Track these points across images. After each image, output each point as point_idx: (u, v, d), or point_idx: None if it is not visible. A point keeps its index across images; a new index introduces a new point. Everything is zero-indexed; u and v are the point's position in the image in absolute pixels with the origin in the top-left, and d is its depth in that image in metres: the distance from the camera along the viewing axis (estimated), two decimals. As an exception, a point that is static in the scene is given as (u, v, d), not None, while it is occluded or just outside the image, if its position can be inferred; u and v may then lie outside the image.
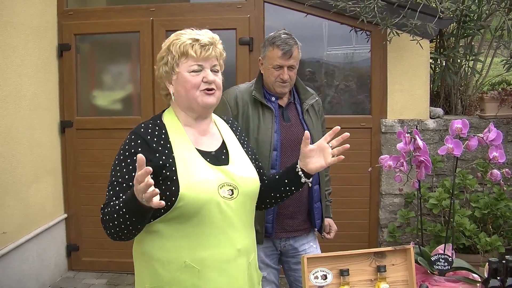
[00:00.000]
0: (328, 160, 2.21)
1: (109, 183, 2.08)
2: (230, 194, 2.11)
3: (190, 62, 2.13)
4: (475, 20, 5.31)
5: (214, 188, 2.07)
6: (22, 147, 4.85)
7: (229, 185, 2.12)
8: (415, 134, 2.37)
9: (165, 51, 2.18)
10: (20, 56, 4.82)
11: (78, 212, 5.62)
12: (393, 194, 5.19)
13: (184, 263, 2.05)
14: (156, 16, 5.36)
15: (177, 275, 2.06)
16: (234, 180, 2.13)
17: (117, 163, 2.10)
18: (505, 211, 4.49)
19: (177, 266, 2.06)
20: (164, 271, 2.08)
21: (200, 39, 2.13)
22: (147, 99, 5.41)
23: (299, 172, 2.26)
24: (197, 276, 2.05)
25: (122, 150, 2.11)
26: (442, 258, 2.38)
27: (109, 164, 2.18)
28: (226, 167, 2.16)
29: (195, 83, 2.13)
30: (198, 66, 2.13)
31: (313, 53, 5.50)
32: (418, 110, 5.16)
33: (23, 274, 4.84)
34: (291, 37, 3.05)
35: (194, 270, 2.05)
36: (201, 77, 2.13)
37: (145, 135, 2.11)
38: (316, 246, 3.26)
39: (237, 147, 2.30)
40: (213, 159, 2.17)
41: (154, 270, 2.10)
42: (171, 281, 2.07)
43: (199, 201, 2.03)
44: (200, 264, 2.05)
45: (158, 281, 2.09)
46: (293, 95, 3.19)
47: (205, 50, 2.13)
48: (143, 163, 1.77)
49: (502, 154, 2.34)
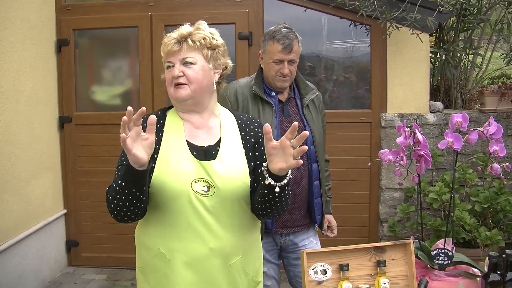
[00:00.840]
0: (288, 162, 1.93)
1: (117, 166, 2.13)
2: (206, 190, 2.09)
3: (166, 60, 2.20)
4: (475, 13, 5.29)
5: (187, 181, 2.08)
6: (21, 143, 4.84)
7: (206, 182, 2.10)
8: (415, 128, 2.36)
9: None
10: (18, 52, 4.80)
11: (78, 208, 5.62)
12: (393, 188, 5.18)
13: (159, 249, 2.12)
14: (155, 11, 5.35)
15: (154, 261, 2.13)
16: (211, 177, 2.10)
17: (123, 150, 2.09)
18: (505, 205, 4.48)
19: (154, 252, 2.13)
20: (146, 255, 2.17)
21: (171, 35, 2.19)
22: (146, 94, 5.39)
23: (264, 171, 2.01)
24: (168, 265, 2.10)
25: None
26: (442, 252, 2.37)
27: (108, 160, 2.22)
28: (208, 163, 2.12)
29: (167, 80, 2.19)
30: (168, 62, 2.18)
31: (313, 48, 5.49)
32: (418, 104, 5.15)
33: (23, 270, 4.83)
34: (291, 31, 3.03)
35: (166, 259, 2.11)
36: (172, 72, 2.17)
37: (147, 117, 2.09)
38: (316, 242, 3.25)
39: (233, 146, 2.21)
40: (201, 154, 2.15)
41: (140, 252, 2.22)
42: (149, 265, 2.16)
43: (169, 191, 2.07)
44: (170, 254, 2.10)
45: (143, 264, 2.20)
46: (293, 90, 3.17)
47: (166, 46, 2.17)
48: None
49: (502, 148, 2.33)
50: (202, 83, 2.17)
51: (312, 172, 3.12)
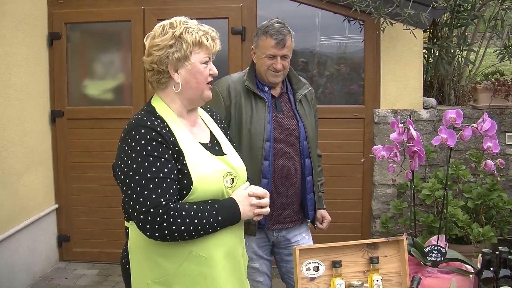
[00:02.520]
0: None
1: (143, 180, 1.96)
2: (231, 183, 2.15)
3: (203, 53, 2.13)
4: (468, 10, 5.28)
5: (220, 179, 2.10)
6: (12, 137, 4.80)
7: (231, 175, 2.15)
8: (409, 124, 2.35)
9: (173, 38, 2.10)
10: (9, 45, 4.76)
11: (69, 203, 5.59)
12: (386, 184, 5.18)
13: (191, 252, 2.05)
14: (148, 5, 5.31)
15: (184, 265, 2.05)
16: (235, 169, 2.18)
17: (141, 160, 1.98)
18: (498, 201, 4.50)
19: (183, 257, 2.05)
20: (169, 263, 2.05)
21: (209, 31, 2.16)
22: (138, 89, 5.36)
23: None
24: (204, 264, 2.06)
25: (140, 146, 2.00)
26: (435, 249, 2.37)
27: (100, 154, 2.16)
28: (225, 157, 2.19)
29: (206, 76, 2.15)
30: (208, 58, 2.16)
31: (306, 43, 5.47)
32: (412, 100, 5.15)
33: (14, 265, 4.81)
34: (284, 26, 3.01)
35: (201, 258, 2.05)
36: (208, 69, 2.15)
37: (154, 127, 2.04)
38: (308, 238, 3.24)
39: (223, 137, 2.32)
40: (213, 150, 2.18)
41: (156, 264, 2.07)
42: (177, 273, 2.05)
43: (209, 193, 2.06)
44: (206, 253, 2.06)
45: (162, 274, 2.06)
46: (285, 85, 3.15)
47: (215, 43, 2.16)
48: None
49: (496, 145, 2.32)
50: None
51: (305, 167, 3.10)
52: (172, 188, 1.98)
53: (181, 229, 1.95)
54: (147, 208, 1.93)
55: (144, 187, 1.95)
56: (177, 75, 2.13)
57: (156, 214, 1.92)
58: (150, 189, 1.95)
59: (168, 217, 1.93)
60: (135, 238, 2.12)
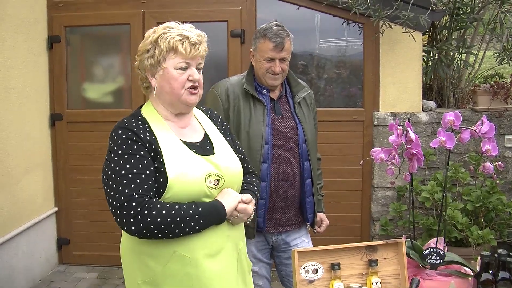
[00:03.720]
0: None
1: (118, 176, 2.00)
2: (216, 184, 2.12)
3: (178, 59, 2.12)
4: (468, 12, 5.29)
5: (202, 178, 2.07)
6: (12, 140, 4.80)
7: (216, 175, 2.12)
8: (407, 126, 2.35)
9: (151, 43, 2.15)
10: (9, 49, 4.76)
11: (69, 206, 5.59)
12: (385, 187, 5.18)
13: (174, 253, 2.04)
14: (147, 8, 5.32)
15: (169, 265, 2.05)
16: (221, 170, 2.14)
17: (117, 159, 2.03)
18: (497, 204, 4.49)
19: (167, 257, 2.05)
20: (155, 263, 2.07)
21: (190, 36, 2.12)
22: (137, 92, 5.35)
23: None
24: (189, 264, 2.05)
25: (116, 146, 2.06)
26: (434, 252, 2.37)
27: (100, 157, 2.16)
28: (212, 157, 2.16)
29: (181, 81, 2.13)
30: (186, 63, 2.13)
31: (305, 46, 5.47)
32: (411, 103, 5.15)
33: (13, 269, 4.80)
34: (283, 29, 3.01)
35: (185, 258, 2.05)
36: (187, 75, 2.13)
37: (132, 128, 2.08)
38: (308, 241, 3.23)
39: (219, 138, 2.30)
40: (199, 150, 2.17)
41: (145, 264, 2.09)
42: (163, 273, 2.06)
43: (187, 192, 2.04)
44: (190, 253, 2.05)
45: (150, 274, 2.08)
46: (284, 88, 3.15)
47: (194, 48, 2.12)
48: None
49: (495, 147, 2.32)
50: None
51: (304, 170, 3.10)
52: (147, 183, 2.00)
53: (157, 221, 1.94)
54: (121, 203, 1.96)
55: (118, 183, 1.99)
56: (154, 80, 2.17)
57: (130, 208, 1.95)
58: (124, 184, 1.98)
59: (142, 209, 1.94)
60: (125, 239, 2.18)
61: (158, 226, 1.95)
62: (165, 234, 1.97)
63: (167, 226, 1.96)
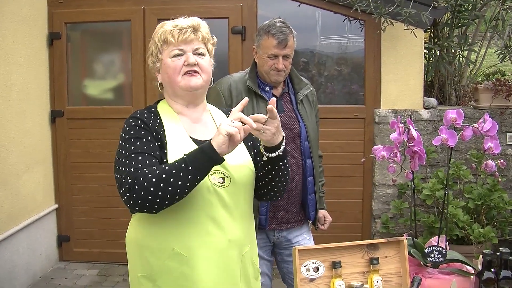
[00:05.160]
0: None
1: (122, 158, 1.99)
2: (221, 182, 2.08)
3: (170, 47, 2.12)
4: (469, 10, 5.28)
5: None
6: (12, 137, 4.80)
7: (220, 173, 2.09)
8: (409, 124, 2.34)
9: (151, 42, 2.19)
10: (9, 45, 4.75)
11: (69, 203, 5.58)
12: (386, 184, 5.17)
13: (173, 250, 2.03)
14: (148, 5, 5.31)
15: (166, 262, 2.04)
16: (226, 168, 2.10)
17: (124, 143, 2.04)
18: (499, 202, 4.49)
19: (166, 254, 2.04)
20: (154, 259, 2.06)
21: (179, 23, 2.13)
22: (138, 89, 5.36)
23: (260, 143, 2.09)
24: (186, 264, 2.02)
25: (125, 133, 2.07)
26: (436, 250, 2.36)
27: (100, 154, 2.15)
28: None
29: (175, 67, 2.11)
30: (179, 50, 2.12)
31: (307, 43, 5.46)
32: (412, 100, 5.14)
33: (14, 265, 4.80)
34: (286, 26, 3.00)
35: (182, 257, 2.02)
36: (183, 61, 2.11)
37: (142, 118, 2.09)
38: (309, 238, 3.23)
39: None
40: None
41: (145, 258, 2.09)
42: (161, 269, 2.05)
43: None
44: (188, 252, 2.02)
45: (149, 269, 2.07)
46: (287, 85, 3.15)
47: (182, 33, 2.11)
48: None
49: (497, 145, 2.31)
50: (210, 75, 2.19)
51: (306, 168, 3.10)
52: (150, 161, 1.98)
53: (144, 185, 1.88)
54: (120, 182, 1.95)
55: (122, 164, 1.99)
56: (159, 75, 2.19)
57: (125, 183, 1.92)
58: (126, 164, 1.97)
59: (132, 181, 1.91)
60: (130, 232, 2.18)
61: (147, 190, 1.89)
62: (160, 197, 1.89)
63: (157, 187, 1.88)
